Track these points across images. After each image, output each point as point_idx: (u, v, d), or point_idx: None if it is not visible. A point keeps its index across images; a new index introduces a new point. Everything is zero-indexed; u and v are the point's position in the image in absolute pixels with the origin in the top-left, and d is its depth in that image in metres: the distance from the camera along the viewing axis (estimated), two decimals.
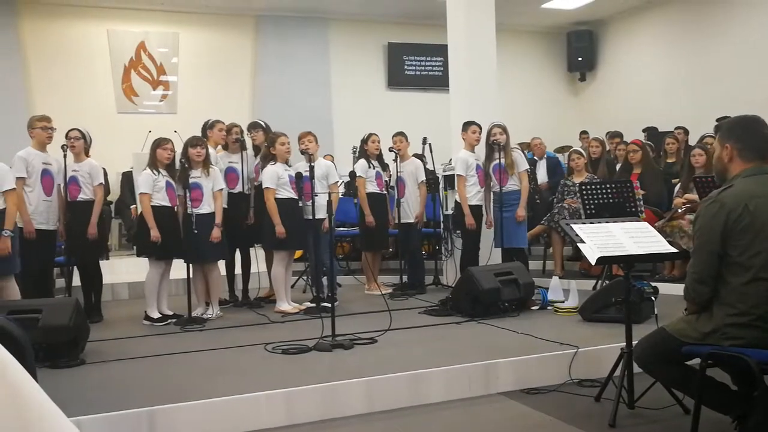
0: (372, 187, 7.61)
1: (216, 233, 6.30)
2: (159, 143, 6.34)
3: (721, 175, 3.19)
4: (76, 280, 6.79)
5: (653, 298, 5.27)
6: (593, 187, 6.81)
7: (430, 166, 8.93)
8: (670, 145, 8.75)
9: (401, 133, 7.92)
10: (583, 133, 12.16)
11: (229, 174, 7.00)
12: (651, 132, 11.48)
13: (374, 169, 7.66)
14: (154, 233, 6.09)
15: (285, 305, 6.63)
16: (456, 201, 7.37)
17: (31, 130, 6.35)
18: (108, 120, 11.70)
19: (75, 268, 6.79)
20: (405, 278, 7.86)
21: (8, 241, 5.58)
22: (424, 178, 7.90)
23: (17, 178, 5.94)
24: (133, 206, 9.85)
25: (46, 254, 6.42)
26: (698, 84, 12.11)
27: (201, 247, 6.26)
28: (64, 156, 6.34)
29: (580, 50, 14.70)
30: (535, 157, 10.37)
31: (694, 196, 6.87)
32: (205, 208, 6.33)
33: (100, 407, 3.64)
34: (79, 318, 5.00)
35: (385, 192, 7.78)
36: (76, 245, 6.49)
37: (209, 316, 6.40)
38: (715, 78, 11.77)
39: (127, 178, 10.52)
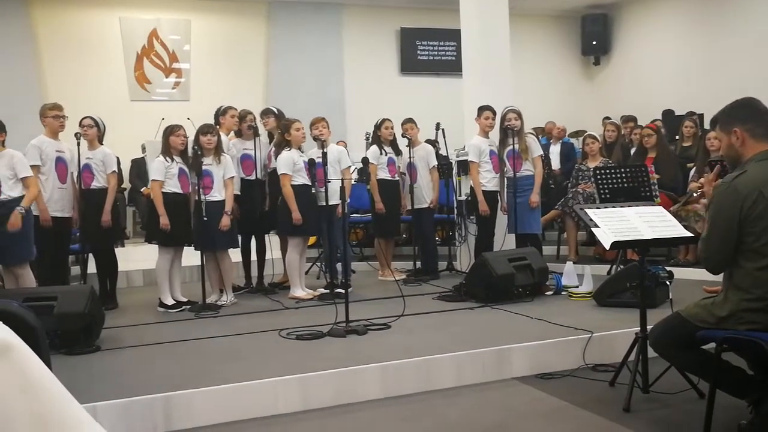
0: (384, 174, 7.59)
1: (225, 221, 6.30)
2: (171, 130, 6.35)
3: (735, 163, 3.12)
4: (92, 268, 6.83)
5: (668, 283, 5.25)
6: (608, 171, 6.77)
7: (443, 152, 8.90)
8: (688, 128, 8.66)
9: (411, 120, 7.89)
10: (606, 119, 12.01)
11: (245, 161, 7.00)
12: (667, 115, 11.38)
13: (386, 155, 7.64)
14: (164, 220, 6.10)
15: (299, 291, 6.65)
16: (471, 187, 7.33)
17: (43, 119, 6.37)
18: (121, 108, 11.72)
19: (90, 255, 6.83)
20: (419, 264, 7.86)
21: (20, 218, 5.56)
22: (436, 163, 7.87)
23: (31, 166, 5.97)
24: (144, 188, 9.91)
25: (62, 242, 6.46)
26: (714, 68, 11.97)
27: (211, 235, 6.27)
28: (78, 144, 6.36)
29: (594, 34, 14.55)
30: (550, 142, 10.32)
31: None
32: (215, 195, 6.33)
33: (116, 393, 3.66)
34: (94, 305, 5.03)
35: (398, 178, 7.76)
36: (91, 233, 6.52)
37: (223, 302, 6.42)
38: (731, 62, 11.64)
39: (137, 164, 10.59)
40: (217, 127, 6.76)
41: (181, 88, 12.72)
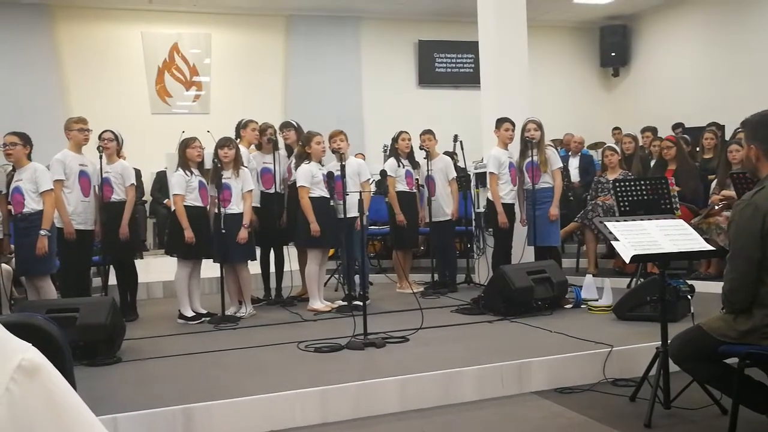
0: (402, 186, 7.60)
1: (243, 234, 6.33)
2: (187, 143, 6.40)
3: (753, 174, 3.14)
4: (112, 280, 6.89)
5: (689, 297, 5.19)
6: (627, 183, 6.73)
7: (461, 164, 8.90)
8: (708, 140, 8.61)
9: (429, 131, 7.87)
10: (615, 129, 12.03)
11: (265, 174, 7.05)
12: (683, 128, 11.31)
13: (404, 168, 7.65)
14: (188, 234, 6.14)
15: (317, 303, 6.66)
16: (488, 199, 7.31)
17: (68, 132, 6.44)
18: (142, 121, 11.84)
19: (111, 267, 6.89)
20: (436, 276, 7.84)
21: (46, 241, 5.69)
22: (455, 175, 7.87)
23: (56, 180, 6.05)
24: (166, 200, 9.99)
25: (85, 254, 6.53)
26: (734, 79, 11.90)
27: (228, 248, 6.31)
28: (100, 157, 6.42)
29: (613, 45, 14.52)
30: (569, 154, 10.29)
31: (731, 192, 6.75)
32: (233, 208, 6.37)
33: (137, 405, 3.69)
34: (115, 316, 5.07)
35: (415, 191, 7.76)
36: (111, 245, 6.57)
37: (242, 314, 6.45)
38: (752, 73, 11.56)
39: (159, 177, 10.67)
40: (238, 140, 6.81)
41: (201, 102, 12.83)
